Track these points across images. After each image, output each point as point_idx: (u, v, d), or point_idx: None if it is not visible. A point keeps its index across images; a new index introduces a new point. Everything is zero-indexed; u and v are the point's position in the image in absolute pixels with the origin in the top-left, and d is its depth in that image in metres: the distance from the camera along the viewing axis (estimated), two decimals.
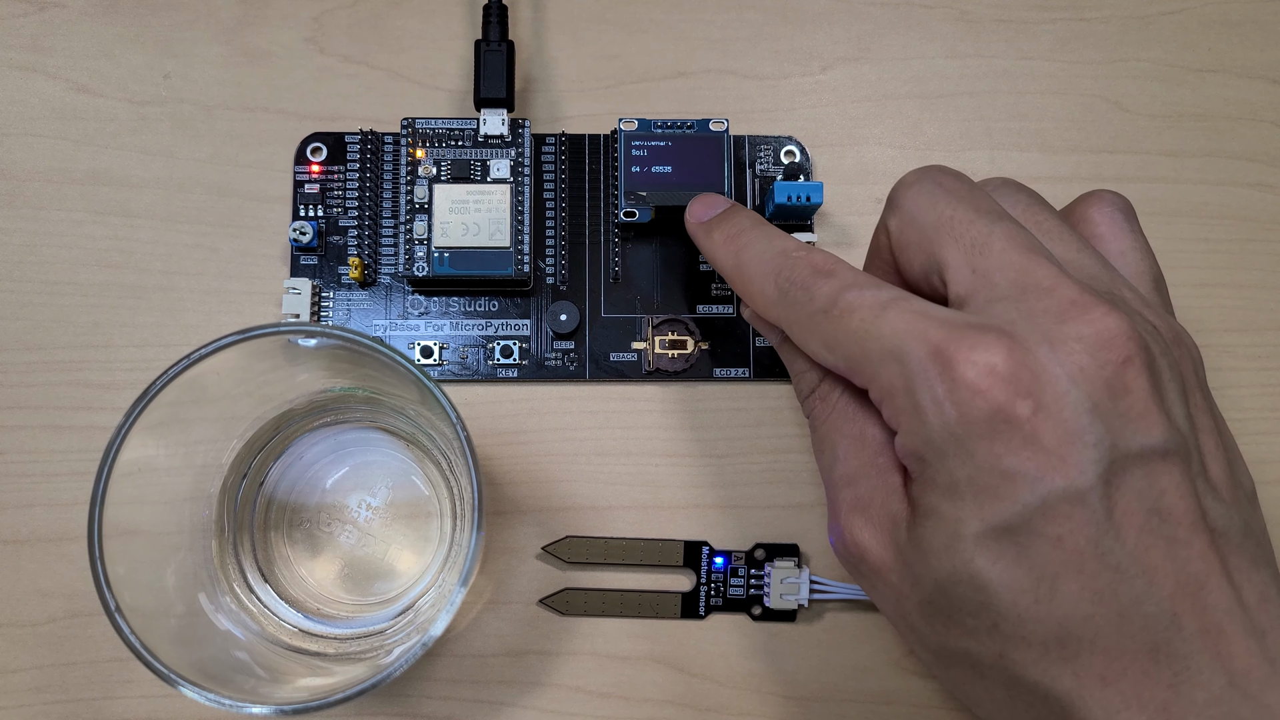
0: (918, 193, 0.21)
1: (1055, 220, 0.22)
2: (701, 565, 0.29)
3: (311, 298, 0.29)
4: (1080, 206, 0.23)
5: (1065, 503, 0.17)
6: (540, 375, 0.30)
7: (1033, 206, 0.22)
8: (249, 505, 0.27)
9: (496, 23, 0.30)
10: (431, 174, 0.29)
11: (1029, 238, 0.20)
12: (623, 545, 0.29)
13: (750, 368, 0.30)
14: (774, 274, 0.22)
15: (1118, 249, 0.22)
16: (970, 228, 0.20)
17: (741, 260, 0.23)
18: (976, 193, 0.21)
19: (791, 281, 0.22)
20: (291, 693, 0.22)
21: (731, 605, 0.29)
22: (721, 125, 0.30)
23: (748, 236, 0.24)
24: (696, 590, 0.29)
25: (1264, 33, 0.33)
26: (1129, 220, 0.23)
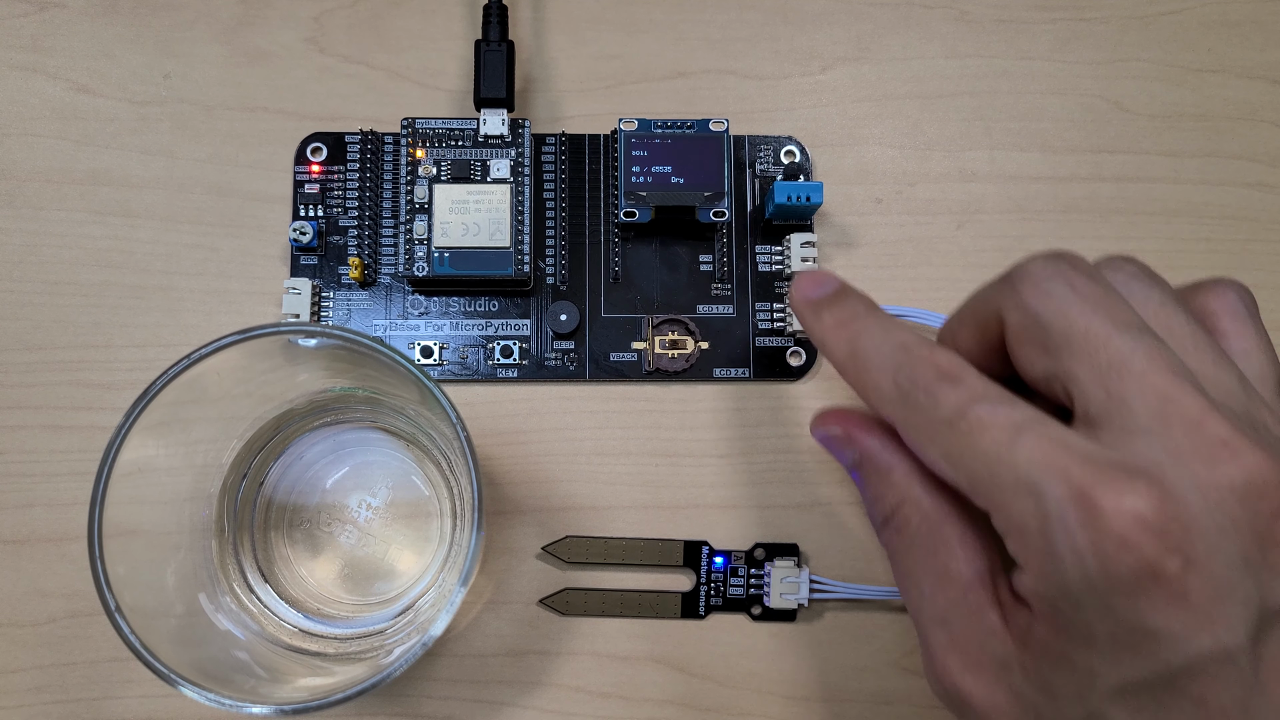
0: (1046, 294, 0.19)
1: (1189, 325, 0.20)
2: (701, 565, 0.29)
3: (311, 298, 0.29)
4: (1201, 297, 0.22)
5: (1212, 663, 0.16)
6: (540, 375, 0.30)
7: (1165, 306, 0.20)
8: (249, 505, 0.27)
9: (496, 23, 0.30)
10: (431, 174, 0.29)
11: (1170, 357, 0.18)
12: (622, 545, 0.29)
13: (750, 368, 0.30)
14: (893, 370, 0.20)
15: (1241, 348, 0.21)
16: (1107, 346, 0.18)
17: (856, 349, 0.21)
18: (1112, 298, 0.19)
19: (913, 382, 0.20)
20: (291, 693, 0.22)
21: (731, 605, 0.29)
22: (721, 125, 0.30)
23: (863, 324, 0.22)
24: (696, 590, 0.29)
25: (1264, 33, 0.33)
26: (1252, 315, 0.21)
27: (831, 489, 0.30)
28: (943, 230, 0.32)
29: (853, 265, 0.31)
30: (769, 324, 0.30)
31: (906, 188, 0.32)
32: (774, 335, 0.30)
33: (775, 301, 0.31)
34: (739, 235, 0.31)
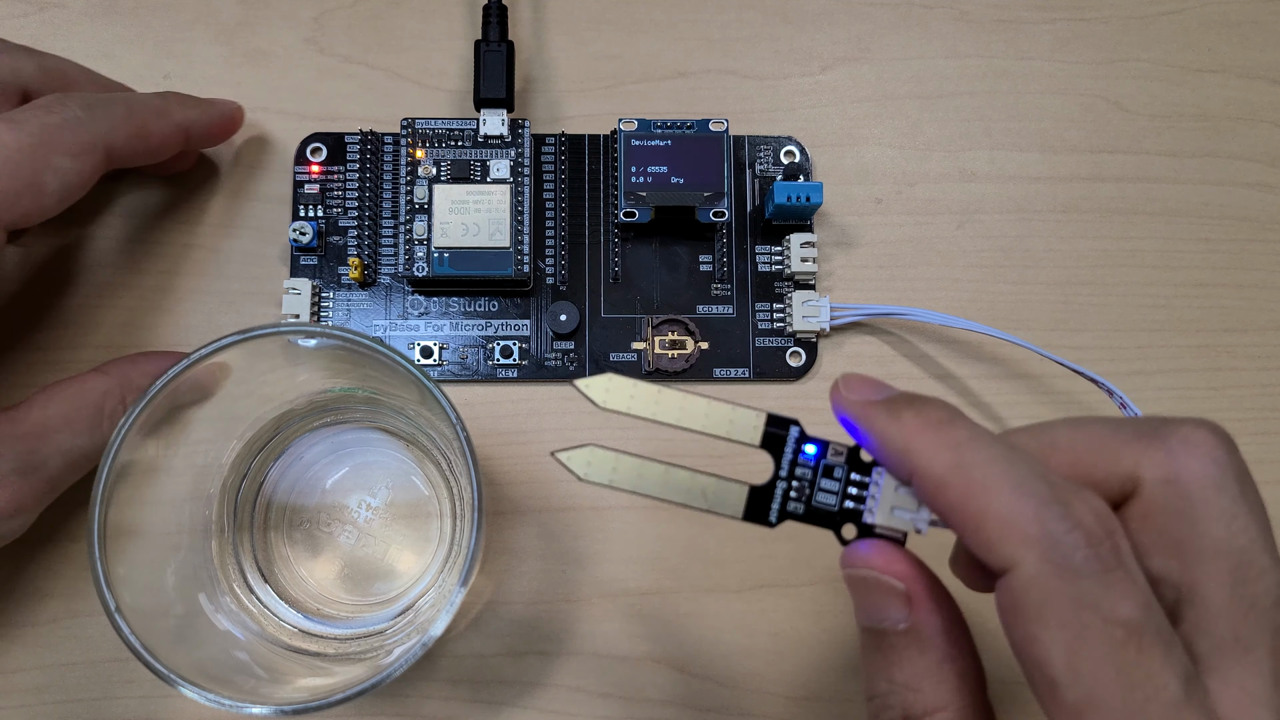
0: (1217, 489, 0.16)
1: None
2: (785, 452, 0.20)
3: (311, 298, 0.29)
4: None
5: None
6: (540, 375, 0.30)
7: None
8: (249, 505, 0.27)
9: (496, 23, 0.30)
10: (431, 174, 0.29)
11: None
12: (680, 400, 0.20)
13: (750, 368, 0.30)
14: (1039, 503, 0.16)
15: None
16: (1253, 582, 0.16)
17: (965, 459, 0.16)
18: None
19: (1069, 530, 0.15)
20: (291, 693, 0.22)
21: (816, 516, 0.20)
22: (721, 125, 0.30)
23: (966, 430, 0.17)
24: (772, 484, 0.20)
25: (1264, 33, 0.33)
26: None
27: None
28: (943, 230, 0.32)
29: (852, 265, 0.31)
30: (769, 324, 0.30)
31: (906, 188, 0.32)
32: (774, 335, 0.30)
33: (775, 302, 0.31)
34: (739, 235, 0.31)
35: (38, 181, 0.23)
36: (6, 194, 0.23)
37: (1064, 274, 0.31)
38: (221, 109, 0.29)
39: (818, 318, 0.30)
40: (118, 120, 0.25)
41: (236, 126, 0.30)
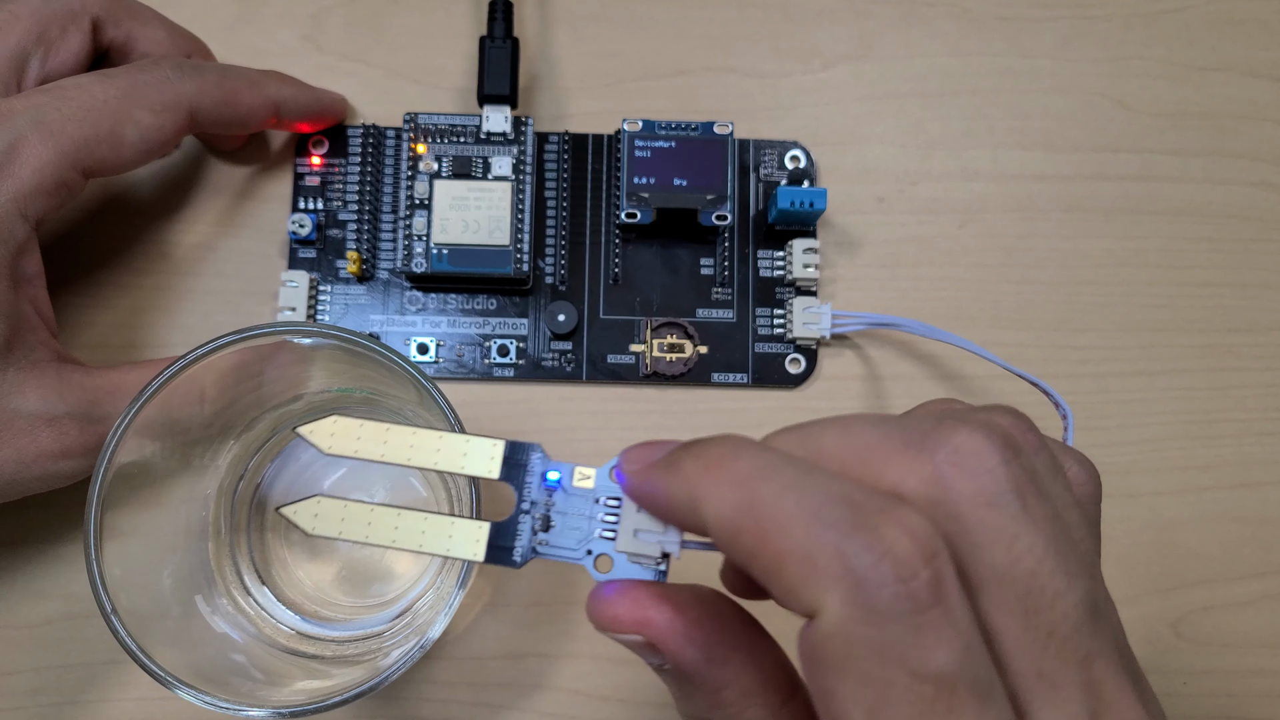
0: (993, 506, 0.14)
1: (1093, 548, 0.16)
2: (527, 483, 0.18)
3: (309, 291, 0.29)
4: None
5: None
6: (537, 375, 0.30)
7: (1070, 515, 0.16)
8: (246, 507, 0.27)
9: (501, 19, 0.30)
10: (433, 170, 0.29)
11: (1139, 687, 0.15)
12: (408, 437, 0.18)
13: (749, 373, 0.30)
14: (839, 533, 0.13)
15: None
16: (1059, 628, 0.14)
17: (756, 498, 0.14)
18: (1065, 534, 0.14)
19: (874, 564, 0.13)
20: (289, 695, 0.22)
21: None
22: (726, 129, 0.30)
23: (759, 462, 0.14)
24: (515, 519, 0.18)
25: (1268, 31, 0.33)
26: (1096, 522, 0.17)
27: None
28: (945, 229, 0.31)
29: (854, 265, 0.31)
30: (769, 330, 0.30)
31: (909, 186, 0.32)
32: (774, 341, 0.30)
33: (775, 307, 0.30)
34: (741, 239, 0.31)
35: (118, 132, 0.24)
36: (87, 140, 0.24)
37: (1067, 273, 0.31)
38: (321, 95, 0.30)
39: (818, 324, 0.29)
40: (207, 84, 0.26)
41: (337, 117, 0.31)
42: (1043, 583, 0.14)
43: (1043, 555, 0.14)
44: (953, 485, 0.14)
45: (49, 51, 0.26)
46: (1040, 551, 0.14)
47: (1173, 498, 0.30)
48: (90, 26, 0.26)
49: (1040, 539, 0.14)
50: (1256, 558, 0.30)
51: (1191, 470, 0.30)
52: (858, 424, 0.15)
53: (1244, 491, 0.30)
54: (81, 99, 0.24)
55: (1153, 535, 0.30)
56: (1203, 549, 0.30)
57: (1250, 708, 0.29)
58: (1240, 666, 0.29)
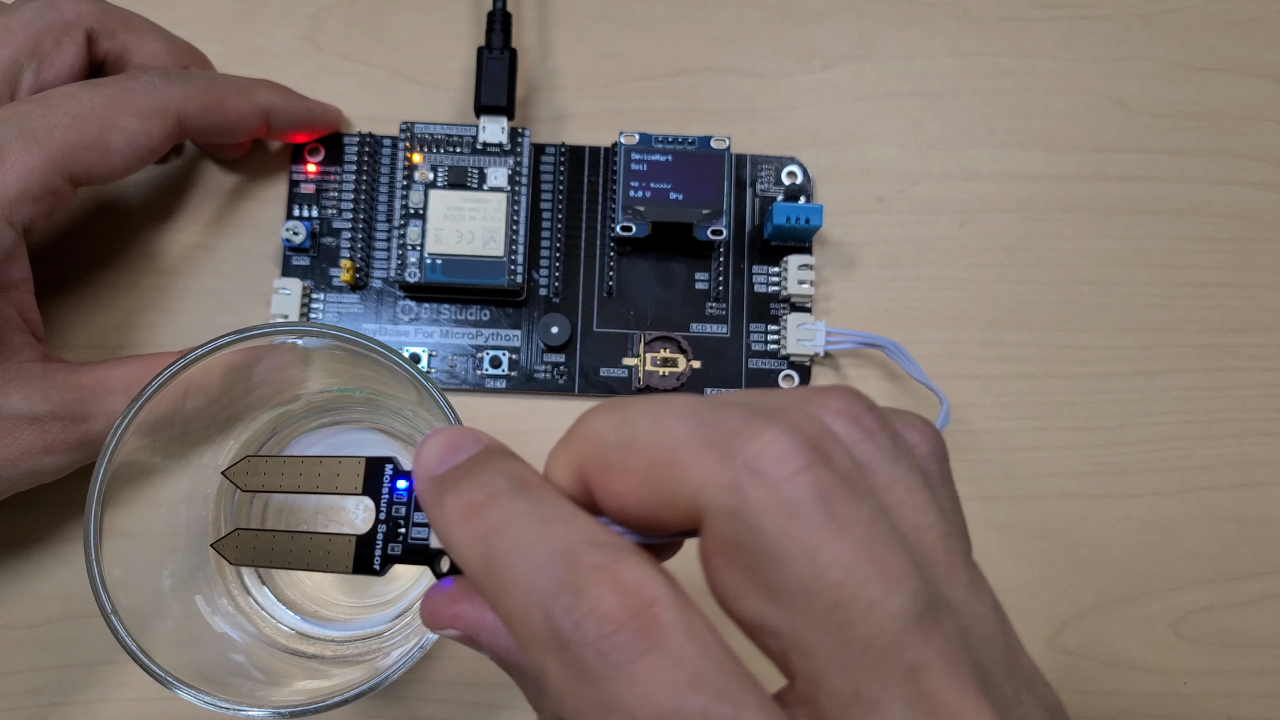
0: (787, 509, 0.13)
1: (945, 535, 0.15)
2: (382, 494, 0.19)
3: (301, 299, 0.29)
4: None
5: None
6: (529, 387, 0.30)
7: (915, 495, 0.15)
8: (246, 507, 0.27)
9: (500, 30, 0.30)
10: (428, 179, 0.29)
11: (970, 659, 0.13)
12: (300, 467, 0.20)
13: (742, 389, 0.30)
14: (547, 597, 0.13)
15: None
16: (869, 617, 0.13)
17: (493, 555, 0.14)
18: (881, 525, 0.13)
19: (577, 628, 0.13)
20: (289, 696, 0.22)
21: (412, 554, 0.19)
22: (723, 143, 0.29)
23: (505, 512, 0.14)
24: (374, 530, 0.19)
25: (1268, 31, 0.33)
26: (930, 483, 0.15)
27: None
28: (945, 229, 0.31)
29: (854, 265, 0.31)
30: (763, 346, 0.30)
31: (909, 186, 0.32)
32: (768, 357, 0.30)
33: (770, 323, 0.30)
34: (737, 254, 0.31)
35: (105, 138, 0.25)
36: (73, 146, 0.24)
37: (1067, 273, 0.31)
38: (313, 106, 0.30)
39: (812, 341, 0.29)
40: (195, 91, 0.26)
41: (331, 127, 0.31)
42: (853, 594, 0.12)
43: (851, 564, 0.13)
44: (750, 494, 0.13)
45: (43, 63, 0.26)
46: (848, 561, 0.13)
47: (1173, 498, 0.30)
48: (84, 38, 0.26)
49: (848, 547, 0.13)
50: (1256, 558, 0.30)
51: (1191, 470, 0.30)
52: (671, 413, 0.14)
53: (1244, 491, 0.30)
54: (68, 106, 0.24)
55: (1153, 535, 0.30)
56: (1203, 549, 0.30)
57: (1250, 708, 0.29)
58: (1240, 666, 0.29)
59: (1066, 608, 0.29)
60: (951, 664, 0.13)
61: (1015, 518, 0.30)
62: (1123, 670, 0.29)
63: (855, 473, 0.14)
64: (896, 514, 0.14)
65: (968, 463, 0.30)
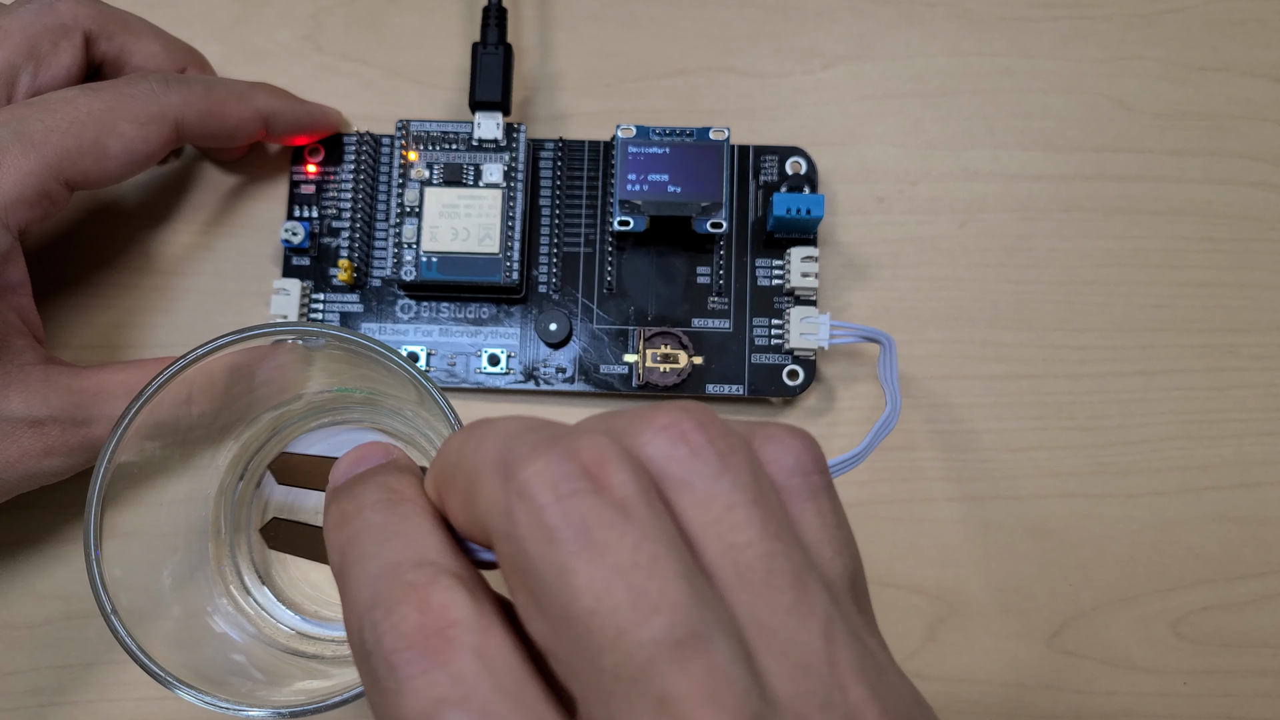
0: (544, 531, 0.13)
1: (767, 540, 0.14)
2: None
3: (301, 299, 0.29)
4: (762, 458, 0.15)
5: None
6: (528, 386, 0.30)
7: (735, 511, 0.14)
8: (246, 506, 0.27)
9: (495, 25, 0.30)
10: (424, 177, 0.29)
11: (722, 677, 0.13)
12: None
13: (744, 385, 0.30)
14: (365, 609, 0.14)
15: (806, 541, 0.15)
16: (620, 644, 0.13)
17: (344, 563, 0.15)
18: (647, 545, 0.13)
19: (378, 641, 0.13)
20: (289, 695, 0.22)
21: None
22: (722, 134, 0.29)
23: (360, 524, 0.15)
24: None
25: (1268, 31, 0.33)
26: (816, 492, 0.15)
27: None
28: (945, 229, 0.31)
29: (854, 265, 0.31)
30: (766, 340, 0.30)
31: (909, 186, 0.32)
32: (771, 352, 0.30)
33: (773, 317, 0.30)
34: (739, 247, 0.31)
35: (101, 143, 0.25)
36: (69, 151, 0.24)
37: (1067, 273, 0.31)
38: (312, 109, 0.30)
39: (816, 335, 0.29)
40: (193, 96, 0.26)
41: (330, 130, 0.31)
42: (603, 621, 0.12)
43: (602, 591, 0.12)
44: (519, 519, 0.13)
45: (40, 66, 0.26)
46: (600, 588, 0.12)
47: (1173, 498, 0.30)
48: (82, 41, 0.26)
49: (601, 574, 0.12)
50: (1256, 558, 0.30)
51: (1191, 470, 0.30)
52: (492, 436, 0.14)
53: (1244, 491, 0.30)
54: (65, 111, 0.24)
55: (1153, 535, 0.30)
56: (1203, 549, 0.30)
57: (1250, 708, 0.29)
58: (1240, 666, 0.29)
59: (1066, 608, 0.29)
60: (710, 696, 0.12)
61: (1015, 518, 0.30)
62: (1123, 670, 0.29)
63: (636, 497, 0.13)
64: (706, 534, 0.14)
65: (968, 463, 0.30)
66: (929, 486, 0.30)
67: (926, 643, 0.29)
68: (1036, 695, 0.29)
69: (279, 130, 0.29)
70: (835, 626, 0.14)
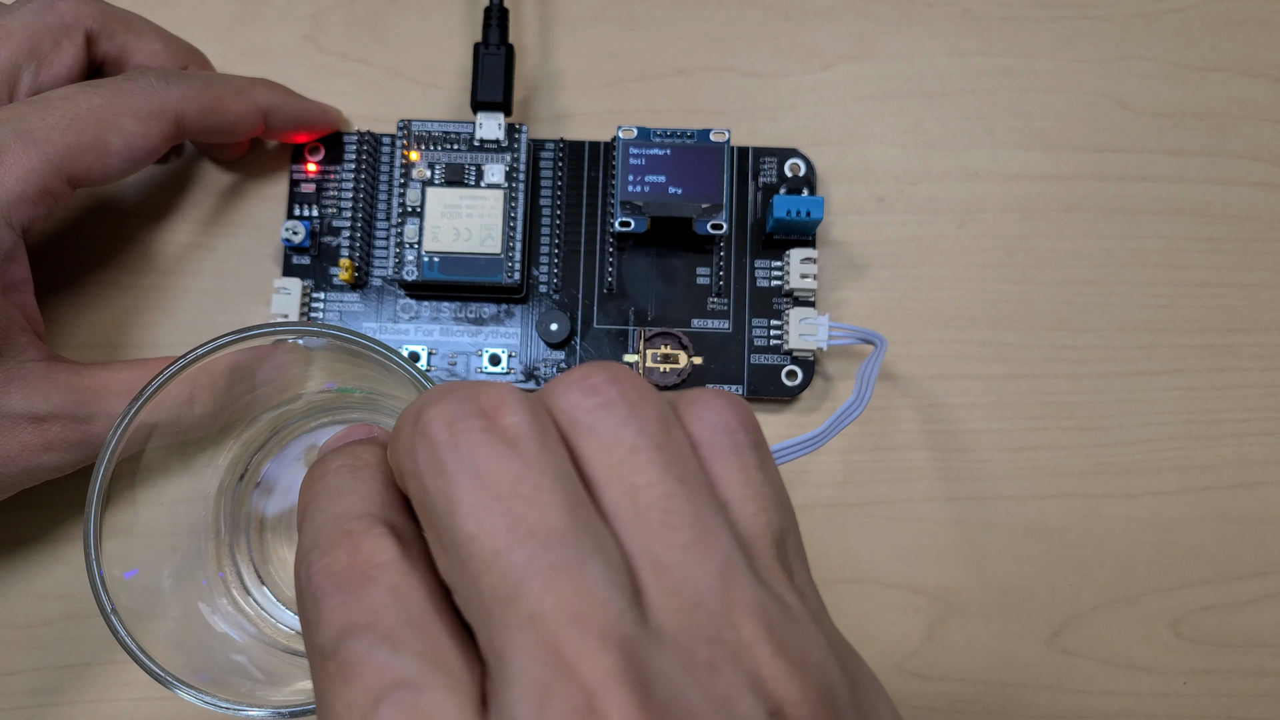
0: (433, 465, 0.14)
1: (666, 482, 0.14)
2: None
3: (301, 298, 0.29)
4: (683, 424, 0.16)
5: None
6: (529, 385, 0.30)
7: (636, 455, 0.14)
8: (246, 506, 0.27)
9: (496, 25, 0.30)
10: (425, 177, 0.29)
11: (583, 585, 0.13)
12: None
13: (744, 385, 0.30)
14: (307, 551, 0.15)
15: (724, 497, 0.15)
16: (495, 564, 0.13)
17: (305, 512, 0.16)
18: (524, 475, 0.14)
19: (309, 579, 0.15)
20: (289, 696, 0.22)
21: None
22: (723, 136, 0.29)
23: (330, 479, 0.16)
24: None
25: (1267, 31, 0.33)
26: (740, 447, 0.15)
27: (826, 516, 0.30)
28: (945, 229, 0.31)
29: (854, 265, 0.31)
30: (765, 341, 0.30)
31: (909, 186, 0.32)
32: (770, 353, 0.30)
33: (773, 318, 0.30)
34: (739, 249, 0.31)
35: (103, 140, 0.25)
36: (71, 148, 0.24)
37: (1067, 273, 0.31)
38: (311, 106, 0.30)
39: (815, 336, 0.29)
40: (193, 92, 0.26)
41: (330, 127, 0.31)
42: (483, 544, 0.13)
43: (484, 516, 0.13)
44: (419, 455, 0.14)
45: (41, 65, 0.26)
46: (482, 513, 0.13)
47: (1173, 498, 0.30)
48: (83, 39, 0.26)
49: (483, 500, 0.13)
50: (1256, 558, 0.30)
51: (1191, 470, 0.30)
52: (423, 396, 0.15)
53: (1244, 491, 0.30)
54: (66, 108, 0.24)
55: (1153, 535, 0.30)
56: (1203, 549, 0.30)
57: (1250, 708, 0.29)
58: (1240, 666, 0.29)
59: (1066, 608, 0.29)
60: (577, 615, 0.12)
61: (1015, 518, 0.30)
62: (1123, 670, 0.29)
63: (527, 434, 0.14)
64: (608, 477, 0.14)
65: (968, 463, 0.30)
66: (929, 486, 0.30)
67: (926, 643, 0.29)
68: (1036, 695, 0.29)
69: (278, 125, 0.29)
70: (736, 569, 0.14)
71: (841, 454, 0.30)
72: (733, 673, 0.13)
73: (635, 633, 0.12)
